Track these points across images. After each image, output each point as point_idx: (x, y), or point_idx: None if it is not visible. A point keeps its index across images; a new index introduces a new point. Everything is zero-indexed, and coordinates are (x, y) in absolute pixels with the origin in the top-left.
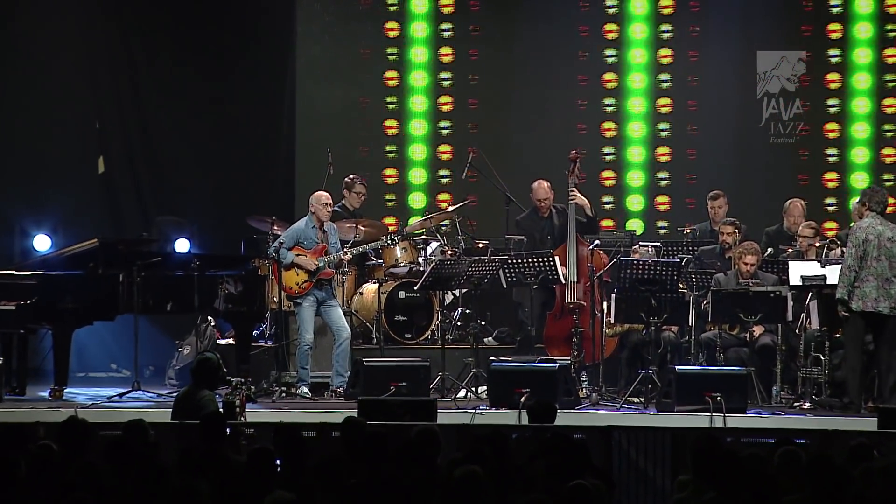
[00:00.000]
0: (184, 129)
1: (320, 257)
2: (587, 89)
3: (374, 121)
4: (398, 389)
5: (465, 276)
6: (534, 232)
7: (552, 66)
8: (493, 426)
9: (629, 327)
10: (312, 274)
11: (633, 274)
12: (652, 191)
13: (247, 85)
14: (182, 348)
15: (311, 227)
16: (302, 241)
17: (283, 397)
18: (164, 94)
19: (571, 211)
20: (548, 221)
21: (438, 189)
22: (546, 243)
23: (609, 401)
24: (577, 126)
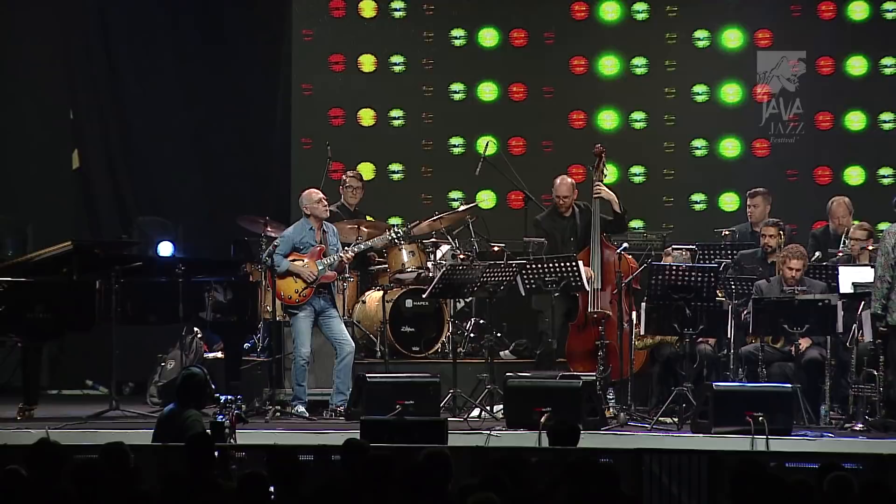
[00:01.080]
0: (168, 120)
1: (319, 260)
2: (589, 88)
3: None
4: (405, 408)
5: (478, 282)
6: (555, 233)
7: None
8: (511, 449)
9: (661, 340)
10: (312, 280)
11: (665, 280)
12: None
13: (237, 72)
14: (165, 363)
15: (309, 228)
16: (299, 246)
17: (277, 417)
18: (146, 81)
19: (595, 208)
20: (570, 221)
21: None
22: (568, 246)
23: (639, 421)
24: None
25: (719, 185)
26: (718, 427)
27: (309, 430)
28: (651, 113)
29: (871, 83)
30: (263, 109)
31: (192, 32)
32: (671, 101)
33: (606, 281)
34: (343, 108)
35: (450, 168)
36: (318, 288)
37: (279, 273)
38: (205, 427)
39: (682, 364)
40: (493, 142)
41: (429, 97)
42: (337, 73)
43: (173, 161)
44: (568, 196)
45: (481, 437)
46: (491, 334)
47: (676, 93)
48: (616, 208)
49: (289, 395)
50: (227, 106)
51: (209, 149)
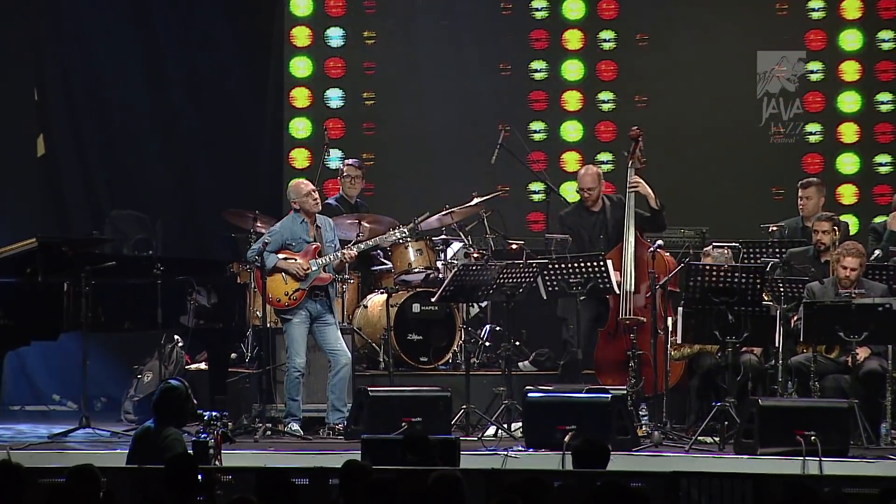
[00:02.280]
0: (145, 104)
1: (313, 259)
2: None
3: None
4: (411, 426)
5: (494, 284)
6: (581, 230)
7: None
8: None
9: (700, 349)
10: (304, 281)
11: (704, 282)
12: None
13: (224, 49)
14: (142, 375)
15: (301, 222)
16: (290, 243)
17: (268, 436)
18: (121, 62)
19: (630, 203)
20: (599, 216)
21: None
22: (597, 244)
23: (675, 441)
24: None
25: (769, 175)
26: (765, 448)
27: (304, 450)
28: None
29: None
30: (251, 93)
31: (172, 10)
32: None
33: (639, 282)
34: (343, 89)
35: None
36: (312, 290)
37: (268, 271)
38: (186, 447)
39: (723, 376)
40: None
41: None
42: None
43: (151, 149)
44: (593, 188)
45: (497, 458)
46: (508, 343)
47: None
48: (653, 204)
49: (281, 412)
50: (210, 88)
51: (191, 136)
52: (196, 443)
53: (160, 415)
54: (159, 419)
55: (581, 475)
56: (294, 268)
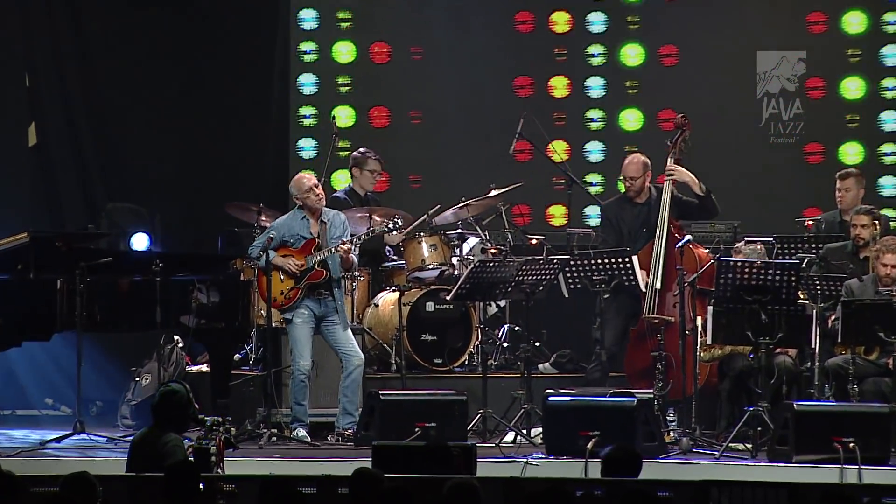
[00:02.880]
0: (143, 89)
1: (309, 255)
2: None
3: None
4: (425, 432)
5: (513, 281)
6: (621, 223)
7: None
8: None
9: (731, 350)
10: (298, 278)
11: (736, 279)
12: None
13: (227, 31)
14: (140, 378)
15: (301, 219)
16: (288, 240)
17: (273, 442)
18: (118, 42)
19: (666, 193)
20: (643, 208)
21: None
22: (638, 239)
23: (705, 447)
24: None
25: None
26: (801, 455)
27: (311, 457)
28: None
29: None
30: (255, 79)
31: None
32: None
33: (670, 280)
34: (352, 75)
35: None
36: (313, 289)
37: (262, 267)
38: (187, 454)
39: (756, 379)
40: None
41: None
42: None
43: (149, 139)
44: (636, 178)
45: (516, 466)
46: (528, 344)
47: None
48: (696, 190)
49: (287, 416)
50: (214, 72)
51: (192, 124)
52: (197, 449)
53: (159, 419)
54: (158, 424)
55: (604, 484)
56: (288, 264)
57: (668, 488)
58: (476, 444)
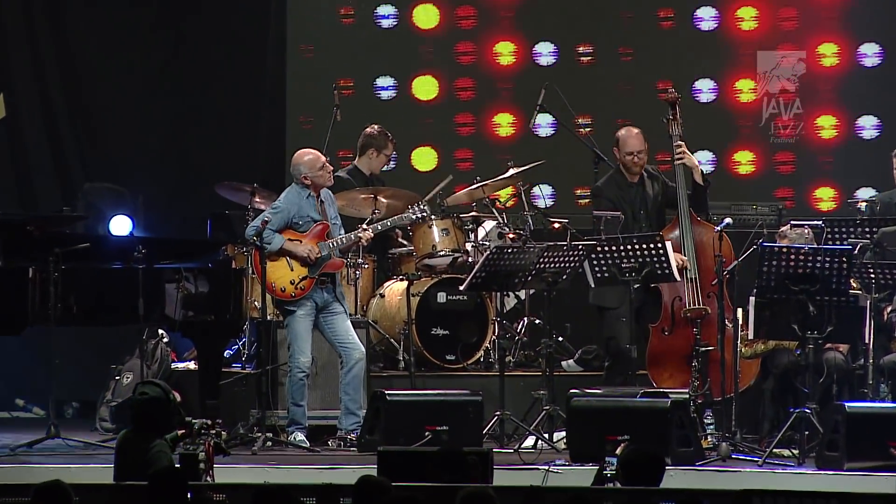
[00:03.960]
0: (125, 57)
1: (322, 241)
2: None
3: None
4: (436, 436)
5: (533, 270)
6: (623, 204)
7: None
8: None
9: (776, 346)
10: (314, 267)
11: (781, 267)
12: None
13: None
14: (120, 376)
15: (307, 197)
16: (296, 221)
17: (268, 447)
18: (97, 6)
19: (679, 175)
20: (638, 189)
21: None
22: (640, 222)
23: (747, 453)
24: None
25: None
26: (852, 461)
27: (310, 464)
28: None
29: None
30: (251, 45)
31: None
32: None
33: (703, 268)
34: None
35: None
36: (319, 277)
37: (270, 253)
38: (173, 461)
39: (803, 378)
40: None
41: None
42: None
43: (131, 112)
44: (643, 151)
45: (537, 474)
46: (550, 339)
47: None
48: (697, 178)
49: (283, 419)
50: (203, 40)
51: (179, 96)
52: (184, 455)
53: (141, 423)
54: (141, 428)
55: (634, 495)
56: (303, 251)
57: (707, 497)
58: (492, 449)
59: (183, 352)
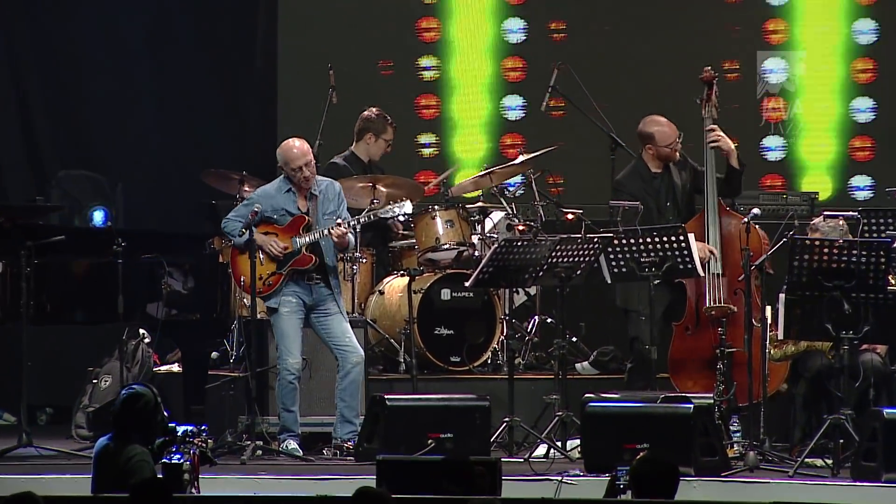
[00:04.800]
0: (104, 35)
1: (296, 236)
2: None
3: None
4: (440, 444)
5: (545, 264)
6: (647, 198)
7: None
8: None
9: (808, 347)
10: (281, 262)
11: (813, 261)
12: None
13: None
14: (98, 379)
15: (287, 191)
16: (271, 216)
17: (258, 456)
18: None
19: (709, 161)
20: (664, 180)
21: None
22: (666, 214)
23: (776, 463)
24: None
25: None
26: (891, 472)
27: (304, 474)
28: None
29: None
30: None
31: None
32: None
33: (729, 263)
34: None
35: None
36: (302, 274)
37: (237, 246)
38: (155, 470)
39: (837, 382)
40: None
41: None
42: None
43: (110, 94)
44: (679, 140)
45: (549, 485)
46: (563, 339)
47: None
48: (733, 162)
49: (275, 426)
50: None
51: (162, 78)
52: (167, 465)
53: (122, 430)
54: (121, 435)
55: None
56: (268, 246)
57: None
58: (501, 458)
59: (166, 353)
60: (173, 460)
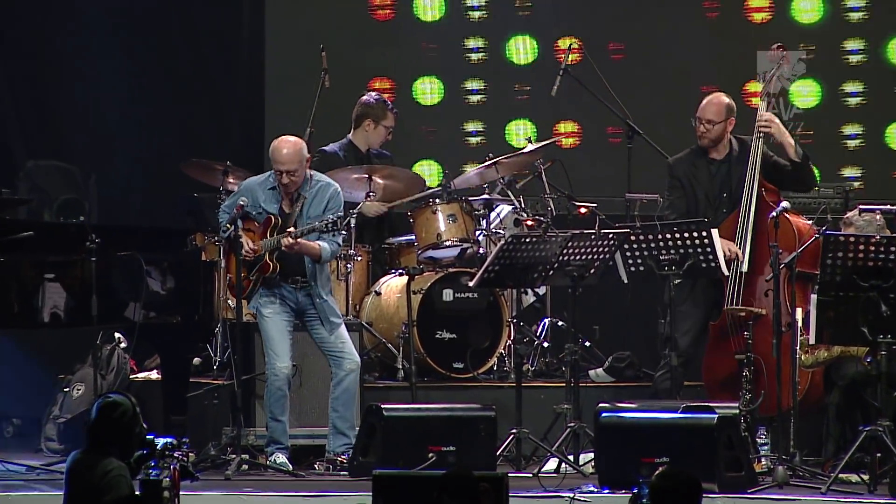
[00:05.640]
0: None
1: (265, 239)
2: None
3: None
4: (442, 458)
5: (556, 262)
6: (695, 184)
7: None
8: None
9: (842, 352)
10: (250, 266)
11: (848, 259)
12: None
13: None
14: (70, 388)
15: (270, 188)
16: (249, 211)
17: (244, 471)
18: None
19: (758, 148)
20: (722, 166)
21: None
22: (718, 206)
23: (807, 479)
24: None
25: None
26: None
27: (294, 491)
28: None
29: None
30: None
31: None
32: None
33: (761, 261)
34: None
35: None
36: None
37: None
38: (133, 487)
39: (874, 390)
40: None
41: None
42: None
43: (83, 79)
44: (714, 122)
45: (560, 503)
46: (575, 343)
47: None
48: (791, 154)
49: (262, 438)
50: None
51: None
52: (146, 481)
53: (96, 442)
54: (95, 448)
55: None
56: (242, 248)
57: None
58: (508, 473)
59: (144, 359)
60: (152, 476)
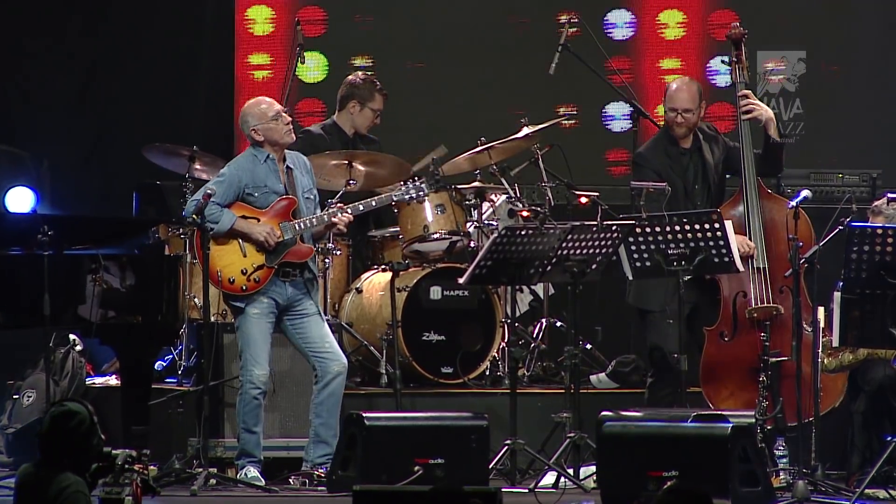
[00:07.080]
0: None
1: (285, 222)
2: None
3: None
4: (428, 472)
5: (554, 257)
6: (672, 175)
7: None
8: None
9: (868, 355)
10: (272, 254)
11: (875, 254)
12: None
13: None
14: (20, 394)
15: (265, 160)
16: (250, 192)
17: (211, 486)
18: None
19: (743, 133)
20: (693, 157)
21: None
22: (694, 198)
23: (831, 494)
24: None
25: None
26: None
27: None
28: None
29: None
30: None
31: None
32: None
33: (772, 256)
34: None
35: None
36: (282, 268)
37: (218, 234)
38: (91, 503)
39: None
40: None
41: None
42: None
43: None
44: (691, 110)
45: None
46: (575, 346)
47: None
48: (772, 132)
49: (232, 449)
50: None
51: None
52: (105, 498)
53: (50, 455)
54: (49, 461)
55: None
56: (259, 233)
57: None
58: (502, 489)
59: (102, 363)
60: (111, 492)
